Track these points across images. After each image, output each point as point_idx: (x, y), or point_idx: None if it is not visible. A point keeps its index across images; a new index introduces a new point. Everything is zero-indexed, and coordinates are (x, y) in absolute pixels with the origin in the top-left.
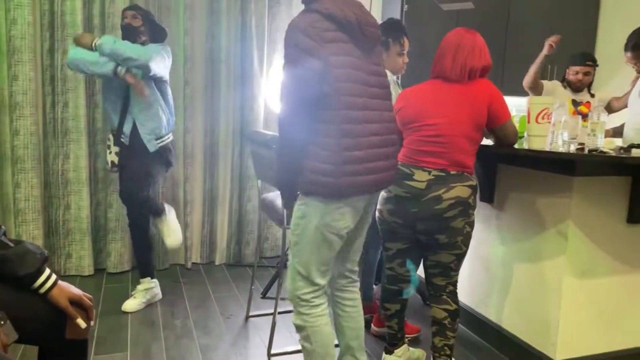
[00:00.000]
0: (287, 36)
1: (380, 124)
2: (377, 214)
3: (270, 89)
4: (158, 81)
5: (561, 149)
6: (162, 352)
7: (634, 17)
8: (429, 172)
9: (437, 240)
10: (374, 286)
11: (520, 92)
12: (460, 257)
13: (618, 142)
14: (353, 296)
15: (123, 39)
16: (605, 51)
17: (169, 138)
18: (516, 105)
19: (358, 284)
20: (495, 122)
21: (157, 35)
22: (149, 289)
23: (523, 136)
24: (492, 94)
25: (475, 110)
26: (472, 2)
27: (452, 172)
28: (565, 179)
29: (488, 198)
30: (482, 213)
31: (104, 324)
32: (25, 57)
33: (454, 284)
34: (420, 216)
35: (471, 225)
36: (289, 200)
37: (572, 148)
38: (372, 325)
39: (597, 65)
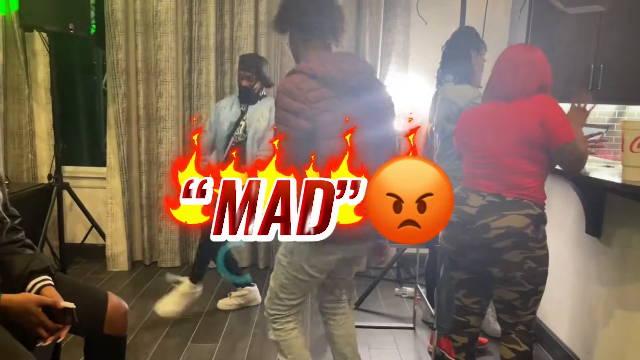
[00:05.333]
0: (276, 100)
1: None
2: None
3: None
4: None
5: None
6: (246, 349)
7: None
8: (483, 197)
9: (490, 274)
10: None
11: None
12: (526, 296)
13: None
14: (341, 305)
15: (241, 98)
16: None
17: None
18: None
19: (346, 297)
20: (551, 143)
21: (264, 84)
22: (242, 295)
23: None
24: (546, 109)
25: (524, 125)
26: (603, 4)
27: (508, 198)
28: None
29: (594, 231)
30: (587, 247)
31: (209, 314)
32: (169, 77)
33: (526, 324)
34: (470, 245)
35: (538, 260)
36: None
37: None
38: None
39: None
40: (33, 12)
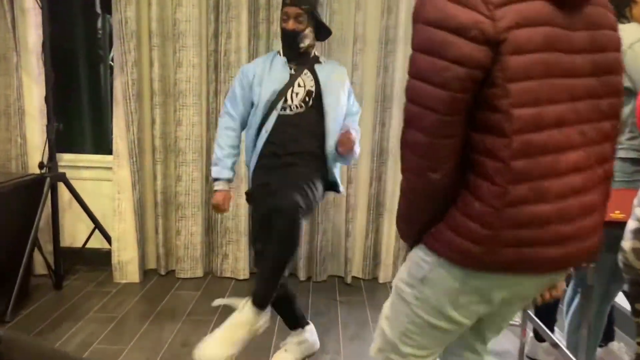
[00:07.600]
0: (420, 7)
1: (586, 149)
2: (619, 255)
3: None
4: None
5: None
6: None
7: None
8: None
9: None
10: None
11: None
12: None
13: None
14: None
15: (284, 45)
16: None
17: None
18: None
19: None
20: None
21: (320, 36)
22: (299, 341)
23: None
24: None
25: None
26: None
27: None
28: None
29: None
30: None
31: None
32: (190, 42)
33: None
34: None
35: None
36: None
37: None
38: None
39: None
40: None
